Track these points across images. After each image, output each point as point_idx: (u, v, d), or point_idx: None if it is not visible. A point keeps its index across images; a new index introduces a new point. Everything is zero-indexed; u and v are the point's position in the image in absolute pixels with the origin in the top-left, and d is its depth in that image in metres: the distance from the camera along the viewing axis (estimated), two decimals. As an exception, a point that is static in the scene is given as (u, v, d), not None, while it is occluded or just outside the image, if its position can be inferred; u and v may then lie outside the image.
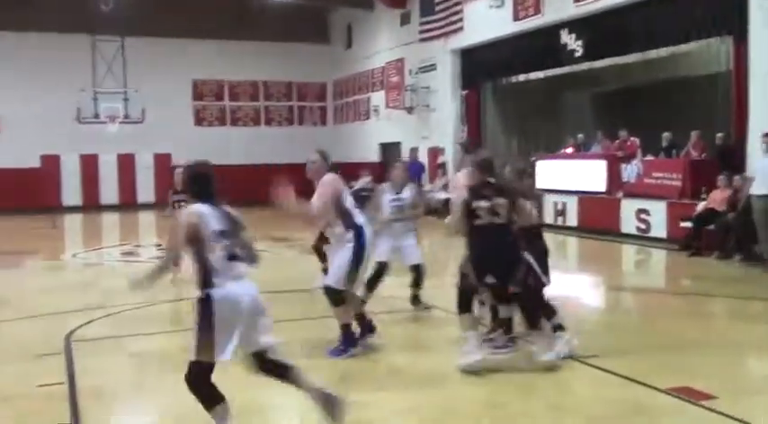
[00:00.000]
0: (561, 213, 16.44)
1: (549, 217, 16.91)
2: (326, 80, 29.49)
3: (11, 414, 5.01)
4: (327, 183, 6.14)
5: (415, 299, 8.03)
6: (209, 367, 4.18)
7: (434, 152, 22.22)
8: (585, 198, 16.02)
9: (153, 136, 25.82)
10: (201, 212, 4.21)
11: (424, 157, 22.67)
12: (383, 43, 25.16)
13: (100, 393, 5.43)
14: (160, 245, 14.90)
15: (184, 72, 27.01)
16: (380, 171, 17.02)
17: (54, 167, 25.53)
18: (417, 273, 7.95)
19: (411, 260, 7.94)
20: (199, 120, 27.93)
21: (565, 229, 15.83)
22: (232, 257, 4.20)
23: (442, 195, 20.86)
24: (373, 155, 25.47)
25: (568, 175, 16.68)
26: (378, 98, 25.73)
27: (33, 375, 5.85)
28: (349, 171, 27.79)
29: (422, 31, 22.06)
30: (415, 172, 20.29)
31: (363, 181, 25.62)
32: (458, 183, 7.26)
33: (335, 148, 28.11)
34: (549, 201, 16.94)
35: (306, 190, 6.00)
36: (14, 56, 24.66)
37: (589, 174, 16.20)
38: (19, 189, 24.23)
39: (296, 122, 29.32)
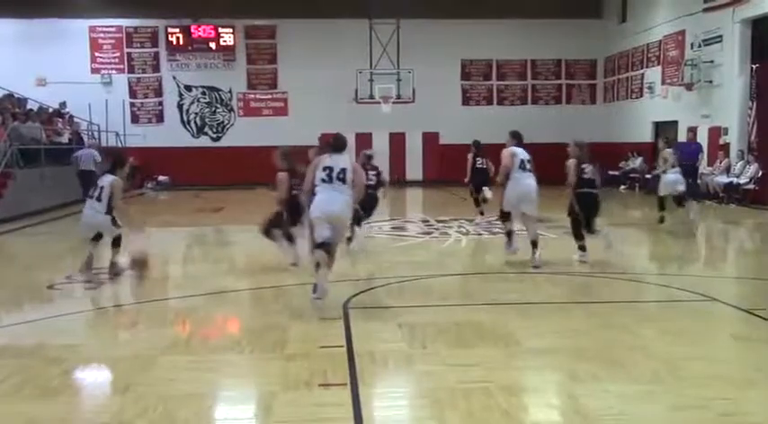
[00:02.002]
0: None
1: None
2: (597, 57, 28.41)
3: (297, 371, 5.41)
4: None
5: None
6: None
7: (716, 132, 20.48)
8: None
9: (422, 115, 26.68)
10: None
11: (703, 138, 20.99)
12: (661, 15, 23.63)
13: (375, 358, 5.70)
14: (427, 221, 15.42)
15: (453, 52, 27.57)
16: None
17: (332, 145, 27.32)
18: None
19: None
20: (466, 100, 28.37)
21: None
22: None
23: (724, 179, 19.20)
24: (646, 135, 24.13)
25: None
26: (653, 74, 24.27)
27: (316, 336, 6.32)
28: (619, 151, 26.52)
29: (707, 0, 20.39)
30: (691, 153, 18.85)
31: (634, 161, 24.39)
32: None
33: (605, 128, 27.22)
34: None
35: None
36: (301, 41, 26.96)
37: None
38: (302, 165, 26.34)
39: (563, 101, 28.65)
